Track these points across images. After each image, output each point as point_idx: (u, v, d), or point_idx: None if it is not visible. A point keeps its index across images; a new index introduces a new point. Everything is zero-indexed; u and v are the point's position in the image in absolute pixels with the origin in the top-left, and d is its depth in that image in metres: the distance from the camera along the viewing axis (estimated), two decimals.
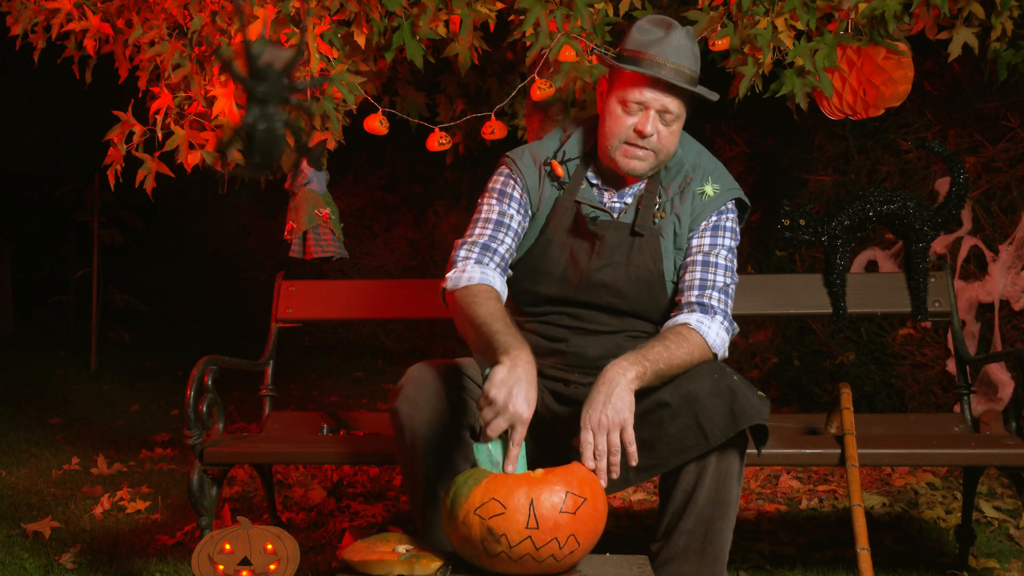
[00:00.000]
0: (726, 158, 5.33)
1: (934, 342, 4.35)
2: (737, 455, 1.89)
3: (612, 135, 2.04)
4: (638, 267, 2.07)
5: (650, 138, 2.01)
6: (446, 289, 2.03)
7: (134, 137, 2.90)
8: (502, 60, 3.59)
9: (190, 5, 2.79)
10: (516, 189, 2.14)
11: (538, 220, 2.13)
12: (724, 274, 2.06)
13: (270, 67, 1.14)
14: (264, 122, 1.14)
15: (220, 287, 9.02)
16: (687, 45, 2.00)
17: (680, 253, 2.10)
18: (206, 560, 2.05)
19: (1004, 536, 2.92)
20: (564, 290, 2.09)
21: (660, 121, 2.02)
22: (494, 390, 1.73)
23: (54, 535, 3.00)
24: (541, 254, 2.11)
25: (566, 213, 2.11)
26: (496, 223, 2.10)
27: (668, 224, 2.09)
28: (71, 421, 5.08)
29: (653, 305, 2.09)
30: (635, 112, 2.02)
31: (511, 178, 2.15)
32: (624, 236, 2.08)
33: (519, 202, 2.13)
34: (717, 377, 1.88)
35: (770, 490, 3.56)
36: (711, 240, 2.09)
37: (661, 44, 1.99)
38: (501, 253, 2.07)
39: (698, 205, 2.09)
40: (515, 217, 2.11)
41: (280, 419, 2.85)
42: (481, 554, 1.64)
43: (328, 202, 3.09)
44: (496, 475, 1.67)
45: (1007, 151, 4.16)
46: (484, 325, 1.88)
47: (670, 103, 2.00)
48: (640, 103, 2.00)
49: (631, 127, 2.02)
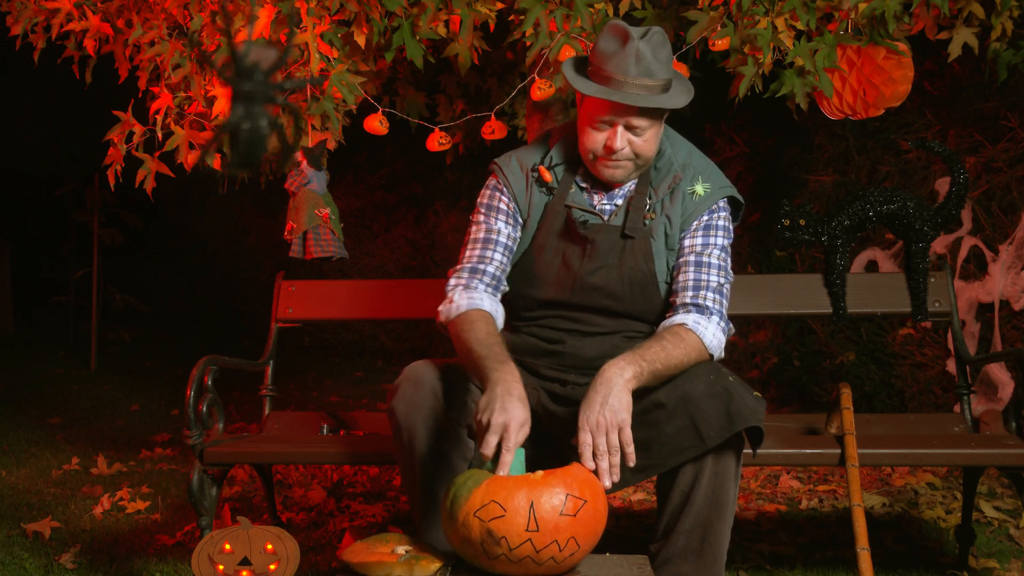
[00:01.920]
0: (726, 158, 5.33)
1: (934, 342, 4.35)
2: (733, 456, 1.89)
3: (586, 150, 2.06)
4: (631, 269, 2.07)
5: (621, 151, 2.01)
6: (442, 323, 2.07)
7: (134, 137, 2.90)
8: (502, 60, 3.59)
9: (190, 5, 2.79)
10: (503, 200, 2.15)
11: (529, 226, 2.14)
12: (718, 274, 2.06)
13: (256, 65, 1.13)
14: (247, 121, 1.14)
15: (220, 287, 9.02)
16: (648, 53, 1.94)
17: (672, 253, 2.09)
18: (206, 560, 2.05)
19: (1004, 536, 2.92)
20: (558, 294, 2.10)
21: (631, 133, 2.00)
22: (480, 415, 1.77)
23: (54, 535, 3.00)
24: (534, 259, 2.12)
25: (557, 218, 2.11)
26: (483, 241, 2.12)
27: (659, 225, 2.08)
28: (71, 421, 5.07)
29: (647, 306, 2.09)
30: (603, 129, 2.01)
31: (497, 190, 2.16)
32: (615, 238, 2.08)
33: (507, 213, 2.14)
34: (713, 378, 1.88)
35: (770, 490, 3.56)
36: (703, 240, 2.08)
37: (619, 58, 1.95)
38: (490, 272, 2.09)
39: (689, 205, 2.09)
40: (503, 230, 2.13)
41: (280, 419, 2.85)
42: (481, 555, 1.64)
43: (328, 202, 3.09)
44: (496, 477, 1.67)
45: (1007, 151, 4.15)
46: (471, 353, 1.91)
47: (635, 120, 1.98)
48: (604, 121, 2.00)
49: (602, 143, 2.02)
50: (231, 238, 8.87)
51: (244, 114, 1.13)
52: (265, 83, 1.14)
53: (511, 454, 1.72)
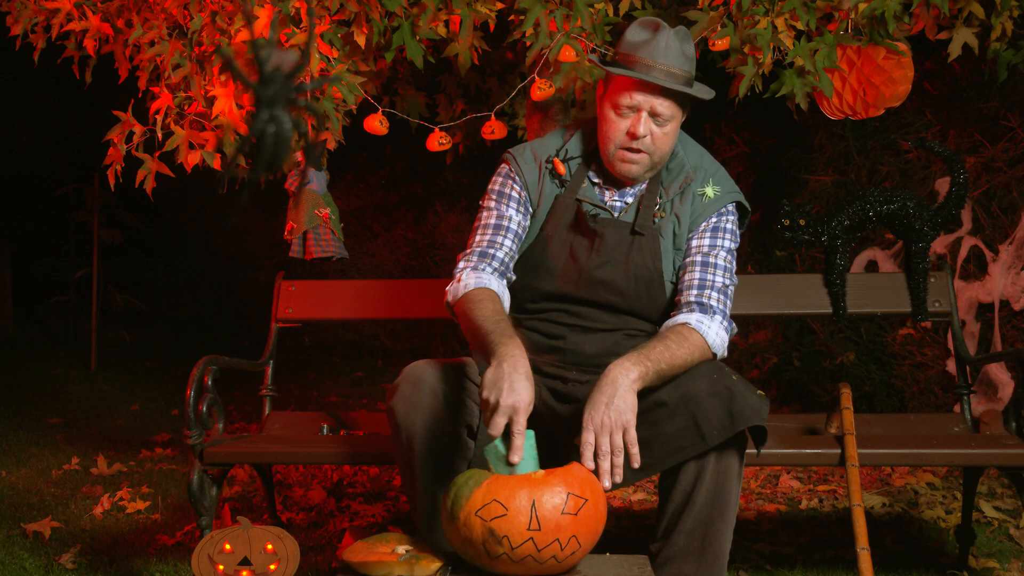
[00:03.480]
0: (726, 158, 5.33)
1: (934, 342, 4.35)
2: (736, 455, 1.89)
3: (608, 140, 2.07)
4: (637, 265, 2.07)
5: (643, 139, 2.03)
6: (449, 303, 2.07)
7: (134, 137, 2.90)
8: (502, 60, 3.59)
9: (190, 5, 2.78)
10: (515, 189, 2.16)
11: (538, 217, 2.15)
12: (723, 275, 2.06)
13: (277, 70, 1.15)
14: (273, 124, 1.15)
15: (220, 287, 9.02)
16: (676, 46, 2.00)
17: (679, 253, 2.11)
18: (206, 560, 2.05)
19: (1004, 536, 2.92)
20: (563, 286, 2.10)
21: (652, 123, 2.03)
22: (485, 392, 1.76)
23: (54, 535, 3.00)
24: (541, 251, 2.13)
25: (567, 210, 2.12)
26: (494, 227, 2.13)
27: (668, 224, 2.10)
28: (71, 421, 5.07)
29: (651, 304, 2.10)
30: (627, 115, 2.03)
31: (509, 177, 2.17)
32: (624, 234, 2.09)
33: (518, 201, 2.15)
34: (716, 377, 1.88)
35: (770, 490, 3.56)
36: (711, 241, 2.09)
37: (649, 46, 2.00)
38: (499, 257, 2.10)
39: (698, 206, 2.10)
40: (514, 218, 2.14)
41: (280, 419, 2.85)
42: (482, 555, 1.64)
43: (328, 202, 3.09)
44: (497, 476, 1.67)
45: (1007, 151, 4.15)
46: (479, 329, 1.91)
47: (660, 105, 2.01)
48: (631, 106, 2.02)
49: (624, 130, 2.04)
50: (231, 238, 8.87)
51: (268, 119, 1.14)
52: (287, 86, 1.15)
53: (522, 436, 1.72)
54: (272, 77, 1.14)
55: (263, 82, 1.14)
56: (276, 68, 1.14)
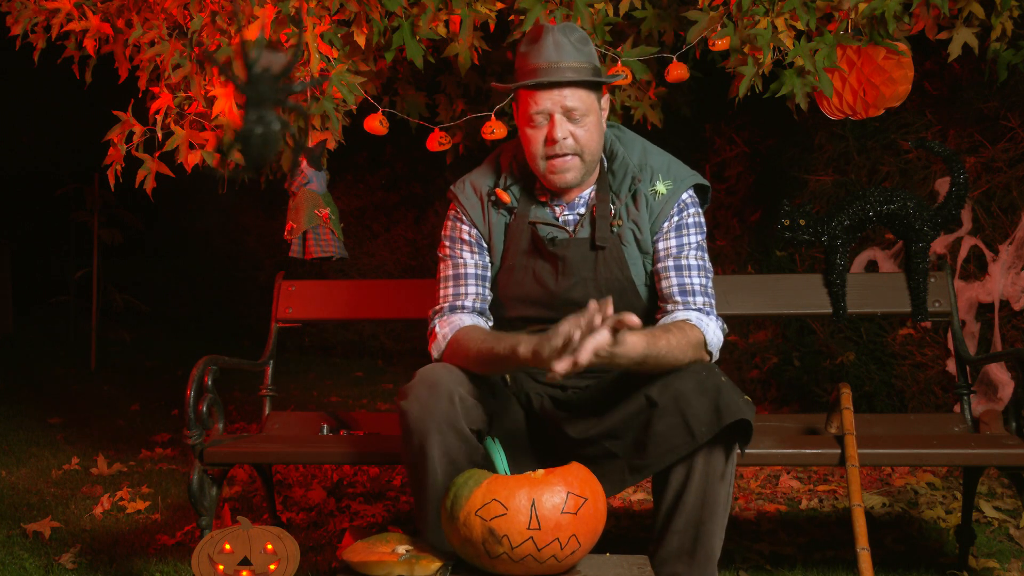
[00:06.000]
0: (726, 158, 5.33)
1: (934, 342, 4.35)
2: (723, 455, 1.90)
3: (533, 156, 2.05)
4: (606, 279, 2.07)
5: (565, 141, 2.00)
6: (437, 360, 2.08)
7: (134, 137, 2.90)
8: (502, 60, 3.59)
9: (190, 5, 2.79)
10: (463, 231, 2.15)
11: (495, 249, 2.14)
12: (699, 274, 2.06)
13: (267, 70, 1.15)
14: (260, 125, 1.15)
15: (220, 287, 9.02)
16: (564, 40, 1.99)
17: (647, 256, 2.09)
18: (206, 560, 2.05)
19: (1004, 536, 2.92)
20: (538, 312, 2.10)
21: (569, 123, 2.00)
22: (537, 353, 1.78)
23: (54, 535, 3.00)
24: (506, 281, 2.12)
25: (522, 236, 2.11)
26: (454, 278, 2.13)
27: (627, 230, 2.08)
28: (71, 421, 5.07)
29: (629, 311, 2.09)
30: (542, 124, 2.01)
31: (457, 220, 2.17)
32: (585, 251, 2.07)
33: (471, 243, 2.15)
34: (704, 375, 1.89)
35: (770, 490, 3.56)
36: (677, 242, 2.08)
37: (537, 50, 1.99)
38: (468, 305, 2.11)
39: (655, 206, 2.08)
40: (469, 262, 2.14)
41: (280, 419, 2.85)
42: (482, 555, 1.64)
43: (328, 202, 3.09)
44: (497, 476, 1.67)
45: (1007, 151, 4.15)
46: (482, 353, 1.94)
47: (568, 100, 1.98)
48: (540, 112, 2.00)
49: (543, 140, 2.02)
50: (231, 238, 8.87)
51: (256, 118, 1.15)
52: (275, 87, 1.16)
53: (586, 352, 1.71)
54: (260, 78, 1.15)
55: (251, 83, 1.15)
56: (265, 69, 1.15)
